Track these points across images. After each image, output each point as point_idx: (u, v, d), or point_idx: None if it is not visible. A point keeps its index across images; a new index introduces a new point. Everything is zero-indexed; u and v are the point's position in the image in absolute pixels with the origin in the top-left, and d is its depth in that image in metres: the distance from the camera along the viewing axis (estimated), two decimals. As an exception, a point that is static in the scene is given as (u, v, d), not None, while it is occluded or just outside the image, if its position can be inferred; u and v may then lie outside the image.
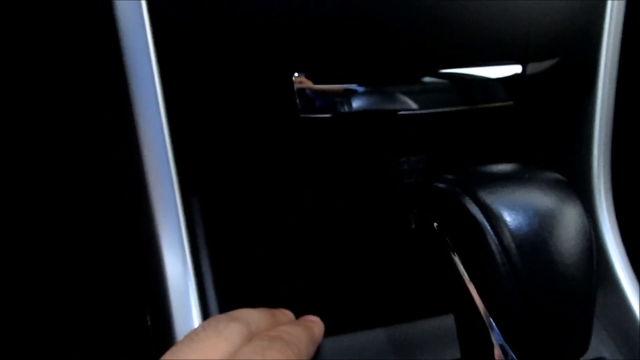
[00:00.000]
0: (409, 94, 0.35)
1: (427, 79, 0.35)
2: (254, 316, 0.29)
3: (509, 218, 0.27)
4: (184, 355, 0.24)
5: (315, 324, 0.33)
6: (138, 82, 0.32)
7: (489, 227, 0.27)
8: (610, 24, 0.38)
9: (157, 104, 0.32)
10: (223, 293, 0.34)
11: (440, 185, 0.31)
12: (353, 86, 0.34)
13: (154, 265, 0.33)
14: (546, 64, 0.36)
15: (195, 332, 0.26)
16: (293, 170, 0.38)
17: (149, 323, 0.36)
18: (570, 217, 0.28)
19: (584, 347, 0.29)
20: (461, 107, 0.36)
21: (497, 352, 0.29)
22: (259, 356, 0.24)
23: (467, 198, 0.28)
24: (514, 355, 0.28)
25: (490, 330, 0.29)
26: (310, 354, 0.29)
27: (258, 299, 0.32)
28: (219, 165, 0.36)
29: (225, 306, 0.33)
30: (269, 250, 0.39)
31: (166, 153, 0.33)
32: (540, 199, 0.28)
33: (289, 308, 0.34)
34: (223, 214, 0.37)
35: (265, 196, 0.38)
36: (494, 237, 0.27)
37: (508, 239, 0.27)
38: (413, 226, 0.40)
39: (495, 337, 0.29)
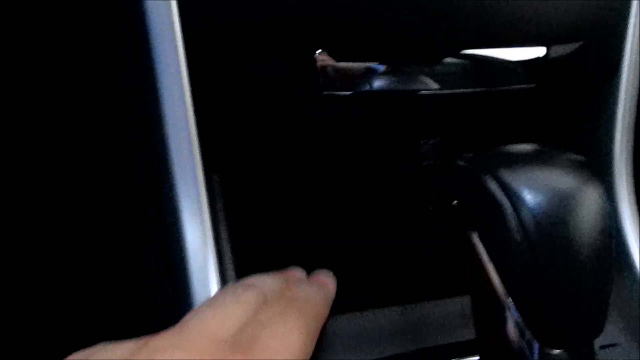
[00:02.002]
0: (431, 74, 0.35)
1: (449, 60, 0.35)
2: (268, 282, 0.29)
3: (529, 196, 0.27)
4: (205, 318, 0.25)
5: (328, 283, 0.33)
6: (163, 65, 0.32)
7: (508, 205, 0.27)
8: (636, 8, 0.38)
9: (182, 84, 0.32)
10: (240, 264, 0.35)
11: (461, 163, 0.31)
12: (374, 65, 0.34)
13: (175, 237, 0.34)
14: (570, 47, 0.36)
15: (215, 297, 0.27)
16: (312, 148, 0.38)
17: (169, 291, 0.36)
18: (589, 198, 0.28)
19: (599, 327, 0.29)
20: (483, 89, 0.36)
21: (513, 331, 0.29)
22: (279, 318, 0.25)
23: (487, 176, 0.28)
24: (530, 335, 0.29)
25: (507, 309, 0.29)
26: (326, 313, 0.30)
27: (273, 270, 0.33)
28: (241, 142, 0.36)
29: (242, 276, 0.33)
30: (285, 228, 0.39)
31: (188, 128, 0.33)
32: (560, 178, 0.28)
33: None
34: (242, 190, 0.37)
35: (283, 173, 0.38)
36: (513, 214, 0.27)
37: (527, 217, 0.27)
38: (430, 208, 0.40)
39: (512, 316, 0.29)
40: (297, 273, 0.34)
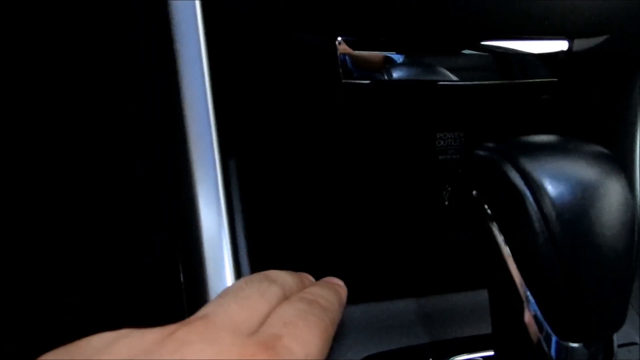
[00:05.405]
0: (450, 66, 0.35)
1: (469, 51, 0.35)
2: (287, 279, 0.29)
3: (550, 186, 0.27)
4: (230, 308, 0.24)
5: (341, 288, 0.33)
6: (183, 45, 0.32)
7: (529, 194, 0.27)
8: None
9: (202, 69, 0.32)
10: (254, 252, 0.35)
11: (481, 152, 0.30)
12: (393, 55, 0.34)
13: (191, 225, 0.34)
14: (594, 41, 0.35)
15: (239, 287, 0.27)
16: (329, 138, 0.38)
17: (182, 283, 0.36)
18: (613, 190, 0.27)
19: (619, 322, 0.28)
20: (503, 81, 0.36)
21: (532, 324, 0.29)
22: (301, 319, 0.25)
23: (508, 165, 0.28)
24: (548, 328, 0.28)
25: (525, 302, 0.28)
26: (340, 317, 0.30)
27: (288, 261, 0.33)
28: (258, 128, 0.36)
29: (256, 263, 0.33)
30: (301, 217, 0.39)
31: (208, 114, 0.33)
32: (583, 169, 0.27)
33: (320, 272, 0.34)
34: (258, 177, 0.37)
35: (298, 161, 0.38)
36: (533, 204, 0.27)
37: (548, 206, 0.26)
38: (446, 202, 0.39)
39: (531, 309, 0.28)
40: (309, 277, 0.34)
